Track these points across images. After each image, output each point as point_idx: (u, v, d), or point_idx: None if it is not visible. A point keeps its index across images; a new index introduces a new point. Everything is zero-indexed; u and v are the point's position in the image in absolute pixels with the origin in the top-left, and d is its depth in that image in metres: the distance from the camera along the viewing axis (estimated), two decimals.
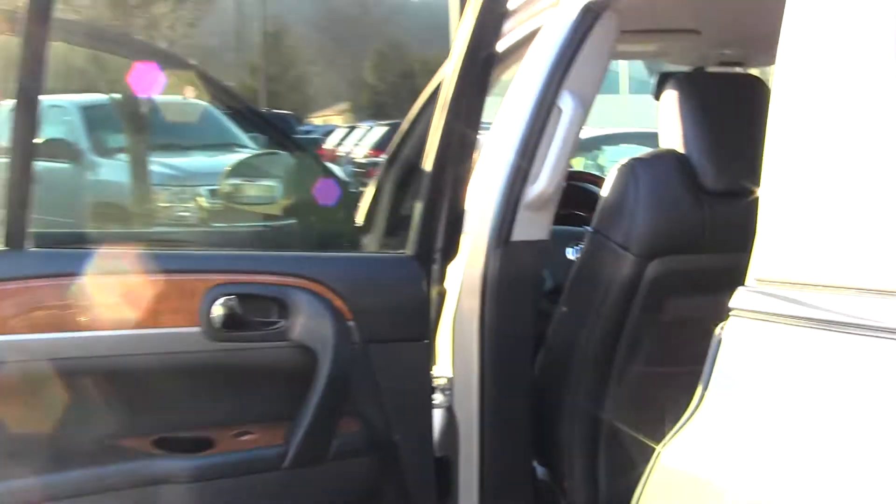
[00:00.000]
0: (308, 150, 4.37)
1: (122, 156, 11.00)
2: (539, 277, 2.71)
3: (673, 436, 1.36)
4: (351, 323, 2.33)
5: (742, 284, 1.41)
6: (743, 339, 1.35)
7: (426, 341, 2.50)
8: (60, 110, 11.09)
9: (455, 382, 2.61)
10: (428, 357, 2.54)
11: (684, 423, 1.35)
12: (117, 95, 10.76)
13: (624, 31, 2.61)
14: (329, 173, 3.48)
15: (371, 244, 2.79)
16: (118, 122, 11.07)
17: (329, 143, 18.24)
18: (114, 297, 2.16)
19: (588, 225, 2.68)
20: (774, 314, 1.31)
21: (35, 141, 2.07)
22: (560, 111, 2.53)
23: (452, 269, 2.61)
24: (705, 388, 1.34)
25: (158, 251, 2.32)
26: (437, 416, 2.64)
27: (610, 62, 2.69)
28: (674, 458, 1.34)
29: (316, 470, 2.30)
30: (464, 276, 2.58)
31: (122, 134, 11.23)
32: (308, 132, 20.82)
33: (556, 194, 2.59)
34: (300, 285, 2.30)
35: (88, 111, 11.13)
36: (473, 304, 2.58)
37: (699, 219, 2.51)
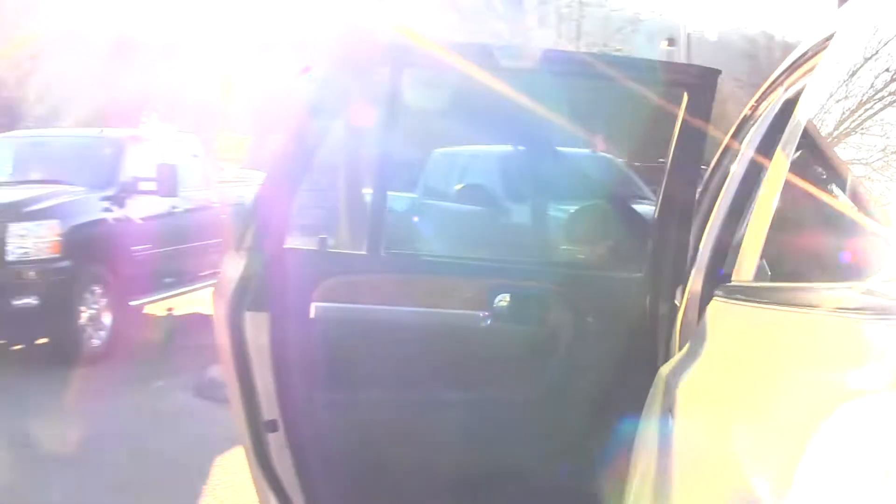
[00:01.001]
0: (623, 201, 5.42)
1: (530, 202, 12.38)
2: None
3: (668, 362, 2.30)
4: (589, 318, 3.37)
5: None
6: (716, 312, 2.27)
7: (648, 339, 3.46)
8: (480, 160, 12.69)
9: None
10: (650, 350, 3.49)
11: (676, 356, 2.29)
12: (526, 147, 12.16)
13: None
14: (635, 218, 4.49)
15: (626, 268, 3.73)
16: (529, 172, 12.41)
17: None
18: (433, 288, 3.37)
19: None
20: (734, 299, 2.21)
21: (362, 188, 3.33)
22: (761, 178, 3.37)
23: (680, 290, 3.54)
24: (690, 340, 2.27)
25: (462, 262, 3.50)
26: None
27: None
28: (664, 373, 2.30)
29: (552, 414, 3.36)
30: (688, 297, 3.47)
31: (531, 182, 12.59)
32: None
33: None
34: (555, 290, 3.37)
35: (503, 161, 12.57)
36: (693, 321, 3.44)
37: None
